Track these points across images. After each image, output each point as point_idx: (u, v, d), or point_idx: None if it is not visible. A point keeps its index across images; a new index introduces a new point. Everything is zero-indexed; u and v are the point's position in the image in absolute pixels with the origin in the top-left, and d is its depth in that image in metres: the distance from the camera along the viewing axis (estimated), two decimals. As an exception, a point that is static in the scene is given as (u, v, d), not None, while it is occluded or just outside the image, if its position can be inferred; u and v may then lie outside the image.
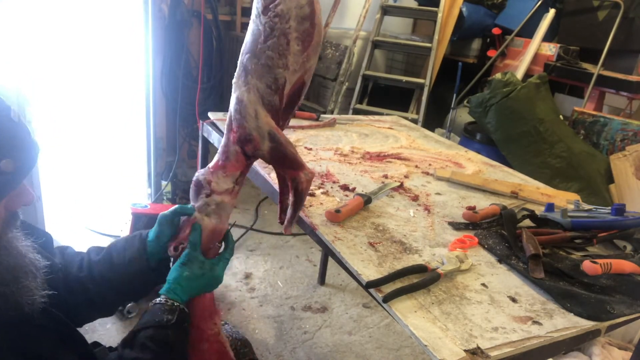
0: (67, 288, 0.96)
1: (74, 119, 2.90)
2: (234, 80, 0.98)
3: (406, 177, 1.51)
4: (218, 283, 0.96)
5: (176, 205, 1.00)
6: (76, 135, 2.96)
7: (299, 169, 1.00)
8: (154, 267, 0.99)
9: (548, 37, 3.51)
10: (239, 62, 0.98)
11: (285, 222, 1.08)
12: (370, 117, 2.30)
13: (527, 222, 1.24)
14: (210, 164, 0.99)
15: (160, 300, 0.87)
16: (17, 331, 0.74)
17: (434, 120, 3.89)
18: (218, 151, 1.00)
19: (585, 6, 3.38)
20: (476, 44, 4.04)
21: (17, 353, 0.72)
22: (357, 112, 3.56)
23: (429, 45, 3.58)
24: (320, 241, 1.10)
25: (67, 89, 2.78)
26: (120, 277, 0.98)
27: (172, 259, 0.97)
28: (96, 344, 1.04)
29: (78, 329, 0.91)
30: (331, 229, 1.11)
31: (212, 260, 0.95)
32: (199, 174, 0.97)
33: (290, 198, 1.04)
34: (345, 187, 1.36)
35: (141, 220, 2.22)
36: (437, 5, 3.61)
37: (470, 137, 3.17)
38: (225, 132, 1.00)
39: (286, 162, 0.99)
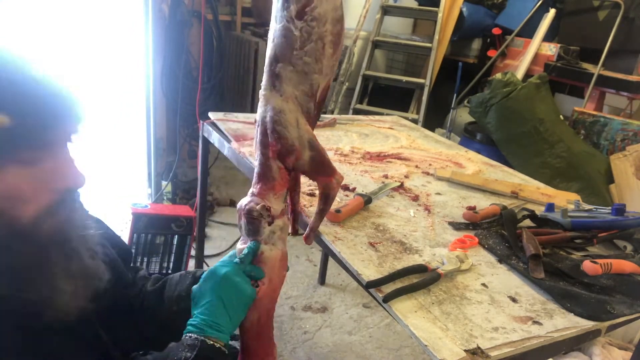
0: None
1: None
2: (262, 92, 0.93)
3: (406, 177, 1.51)
4: (241, 290, 0.80)
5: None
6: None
7: (332, 174, 0.96)
8: None
9: (548, 37, 3.51)
10: (266, 72, 0.92)
11: (308, 231, 1.02)
12: (371, 117, 2.30)
13: (527, 222, 1.24)
14: (254, 190, 0.90)
15: (188, 335, 0.76)
16: (58, 341, 0.67)
17: (434, 120, 3.89)
18: (256, 173, 0.91)
19: (586, 6, 3.38)
20: (476, 44, 4.04)
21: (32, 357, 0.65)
22: (357, 112, 3.56)
23: (429, 45, 3.58)
24: (320, 241, 1.10)
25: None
26: (167, 312, 0.91)
27: None
28: None
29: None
30: (331, 229, 1.11)
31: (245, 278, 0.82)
32: (251, 204, 0.87)
33: (318, 206, 0.99)
34: (345, 187, 1.36)
35: (141, 220, 2.22)
36: (437, 5, 3.61)
37: (470, 137, 3.17)
38: (259, 150, 0.92)
39: (322, 169, 0.95)
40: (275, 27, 0.91)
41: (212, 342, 0.75)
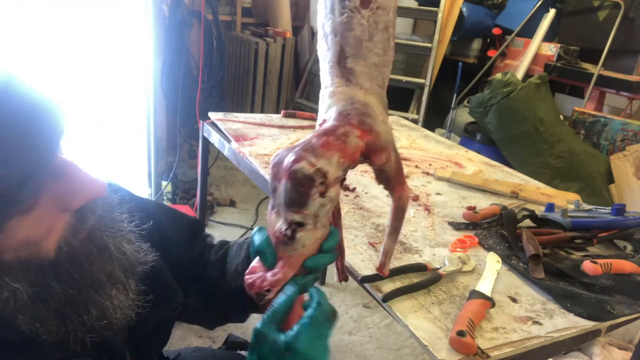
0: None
1: (74, 119, 2.90)
2: (337, 89, 0.77)
3: (406, 177, 1.51)
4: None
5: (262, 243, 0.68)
6: (76, 135, 2.96)
7: (404, 183, 0.79)
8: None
9: (548, 37, 3.51)
10: (334, 69, 0.79)
11: (383, 258, 0.84)
12: (371, 117, 2.29)
13: (527, 222, 1.24)
14: (312, 143, 0.65)
15: None
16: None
17: (434, 120, 3.89)
18: (322, 127, 0.70)
19: (586, 6, 3.38)
20: (476, 44, 4.04)
21: None
22: (357, 112, 3.56)
23: (429, 45, 3.58)
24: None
25: (66, 89, 2.78)
26: (229, 285, 0.80)
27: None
28: None
29: None
30: (331, 229, 1.11)
31: (290, 334, 0.60)
32: (302, 162, 0.63)
33: (392, 224, 0.80)
34: (345, 187, 1.36)
35: (141, 220, 2.22)
36: (437, 5, 3.61)
37: (470, 137, 3.17)
38: (336, 121, 0.71)
39: (400, 176, 0.79)
40: (334, 21, 0.80)
41: None
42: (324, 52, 0.80)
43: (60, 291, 0.54)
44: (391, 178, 0.77)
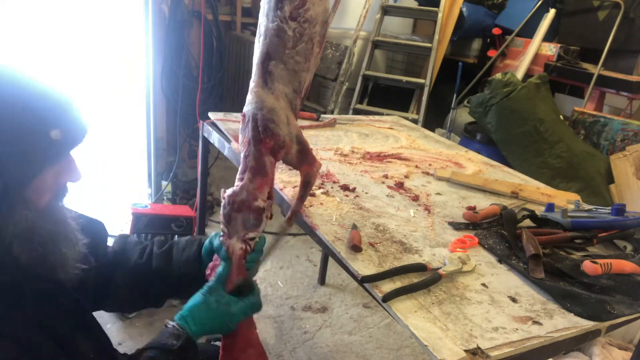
0: (124, 274, 1.02)
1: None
2: (253, 88, 0.94)
3: (406, 177, 1.51)
4: (232, 322, 0.90)
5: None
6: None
7: (313, 163, 1.03)
8: (204, 274, 1.00)
9: (548, 37, 3.51)
10: (258, 68, 0.95)
11: (290, 214, 1.09)
12: (371, 117, 2.30)
13: (528, 222, 1.24)
14: (252, 185, 0.91)
15: (172, 324, 0.87)
16: (45, 307, 0.78)
17: (434, 120, 3.89)
18: (251, 167, 0.93)
19: (586, 6, 3.38)
20: (476, 44, 4.04)
21: (41, 329, 0.75)
22: (357, 112, 3.56)
23: (429, 45, 3.58)
24: (320, 241, 1.10)
25: (67, 89, 2.78)
26: (174, 273, 1.03)
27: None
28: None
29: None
30: (331, 228, 1.11)
31: (233, 298, 0.91)
32: (258, 201, 0.91)
33: (300, 192, 1.07)
34: (345, 187, 1.36)
35: (141, 220, 2.22)
36: (437, 5, 3.61)
37: (470, 137, 3.17)
38: (252, 145, 0.94)
39: (307, 160, 1.02)
40: (267, 25, 0.96)
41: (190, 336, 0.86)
42: (256, 49, 0.97)
43: (43, 231, 0.77)
44: (293, 164, 1.02)
